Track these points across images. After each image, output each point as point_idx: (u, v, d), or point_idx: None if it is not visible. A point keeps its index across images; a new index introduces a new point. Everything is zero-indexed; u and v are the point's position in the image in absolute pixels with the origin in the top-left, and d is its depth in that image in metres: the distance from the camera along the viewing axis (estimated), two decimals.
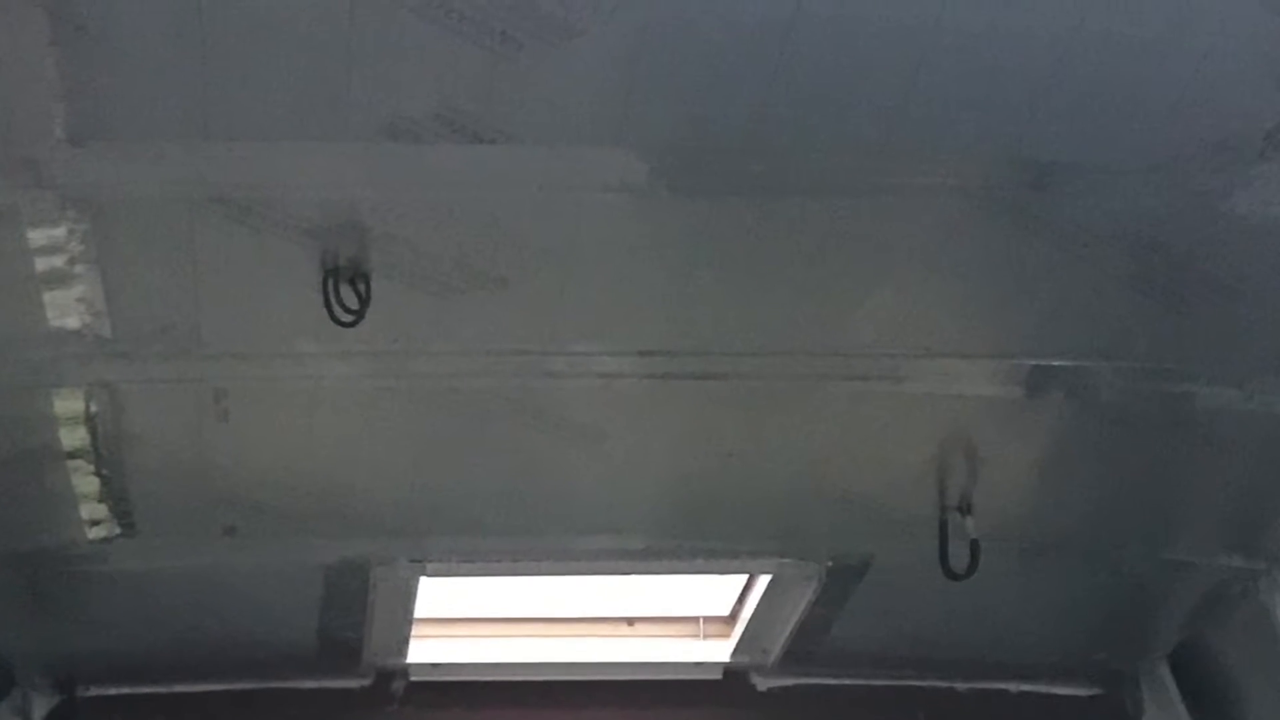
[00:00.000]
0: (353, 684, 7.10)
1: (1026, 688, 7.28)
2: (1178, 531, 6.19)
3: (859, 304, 5.05)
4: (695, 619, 7.33)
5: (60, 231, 4.58)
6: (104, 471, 5.54)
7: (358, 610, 6.56)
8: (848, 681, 7.21)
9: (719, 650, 7.28)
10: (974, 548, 5.91)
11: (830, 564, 6.42)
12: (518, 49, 4.08)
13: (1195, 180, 4.54)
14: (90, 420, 5.30)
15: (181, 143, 4.34)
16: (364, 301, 4.75)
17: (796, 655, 7.06)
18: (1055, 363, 5.32)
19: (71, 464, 5.48)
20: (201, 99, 4.19)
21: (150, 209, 4.57)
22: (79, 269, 4.71)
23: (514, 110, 4.27)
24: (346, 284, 4.75)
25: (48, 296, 4.79)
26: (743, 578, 6.91)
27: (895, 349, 5.24)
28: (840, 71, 4.19)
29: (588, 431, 5.53)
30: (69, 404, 5.25)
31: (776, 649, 7.08)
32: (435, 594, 6.69)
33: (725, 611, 7.25)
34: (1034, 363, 5.33)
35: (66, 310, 4.85)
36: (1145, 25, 4.09)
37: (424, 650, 7.11)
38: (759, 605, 6.89)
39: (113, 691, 6.96)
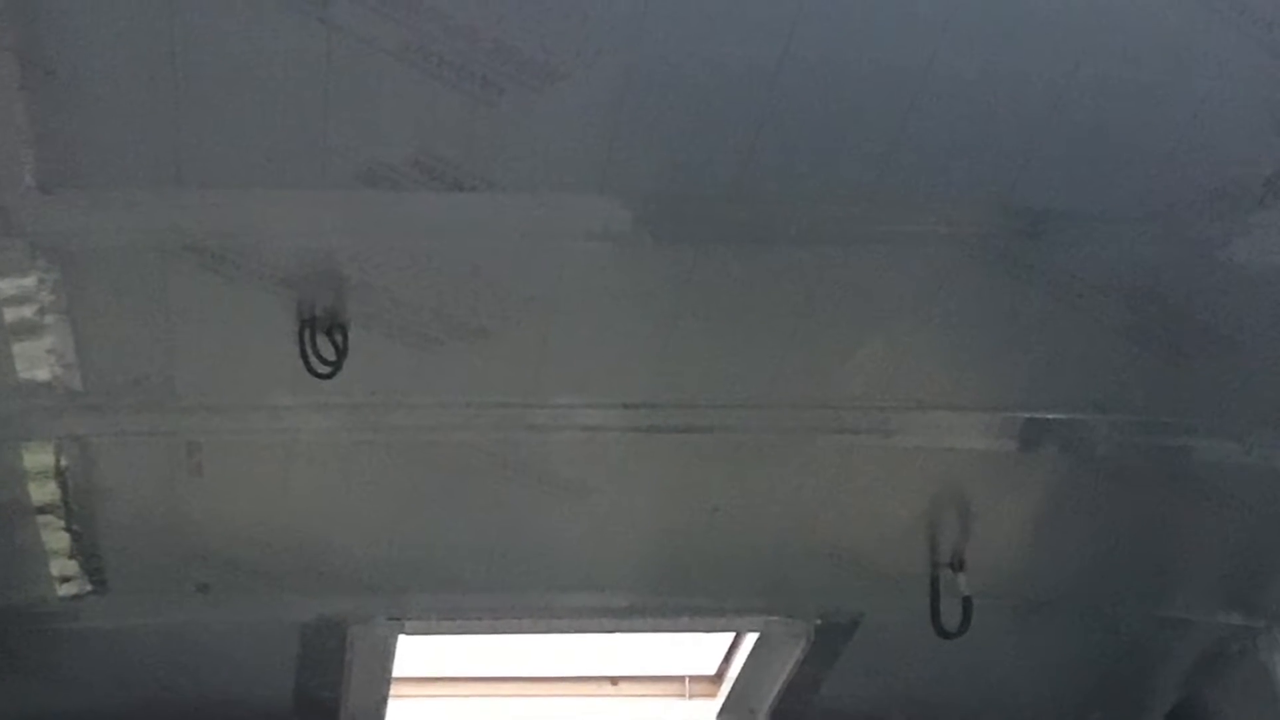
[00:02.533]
0: None
1: None
2: (1175, 588, 6.13)
3: (848, 355, 5.00)
4: (681, 678, 7.27)
5: (30, 281, 4.52)
6: (75, 527, 5.47)
7: (335, 669, 6.47)
8: None
9: (705, 710, 7.21)
10: (966, 605, 5.86)
11: (819, 622, 6.36)
12: (499, 94, 4.04)
13: (1193, 228, 4.50)
14: (61, 474, 5.24)
15: (154, 190, 4.29)
16: (341, 353, 4.70)
17: (785, 715, 6.97)
18: (1049, 415, 5.27)
19: (41, 519, 5.41)
20: (174, 145, 4.14)
21: (122, 258, 4.51)
22: (49, 319, 4.65)
23: (495, 156, 4.22)
24: (323, 334, 4.70)
25: (17, 348, 4.73)
26: (729, 636, 6.86)
27: (885, 401, 5.18)
28: (829, 116, 4.14)
29: (570, 486, 5.47)
30: (39, 458, 5.18)
31: (764, 709, 6.99)
32: (414, 652, 6.62)
33: (711, 670, 7.18)
34: (1028, 415, 5.27)
35: (36, 362, 4.79)
36: (1142, 69, 4.05)
37: (403, 711, 7.02)
38: (746, 664, 6.83)
39: None
